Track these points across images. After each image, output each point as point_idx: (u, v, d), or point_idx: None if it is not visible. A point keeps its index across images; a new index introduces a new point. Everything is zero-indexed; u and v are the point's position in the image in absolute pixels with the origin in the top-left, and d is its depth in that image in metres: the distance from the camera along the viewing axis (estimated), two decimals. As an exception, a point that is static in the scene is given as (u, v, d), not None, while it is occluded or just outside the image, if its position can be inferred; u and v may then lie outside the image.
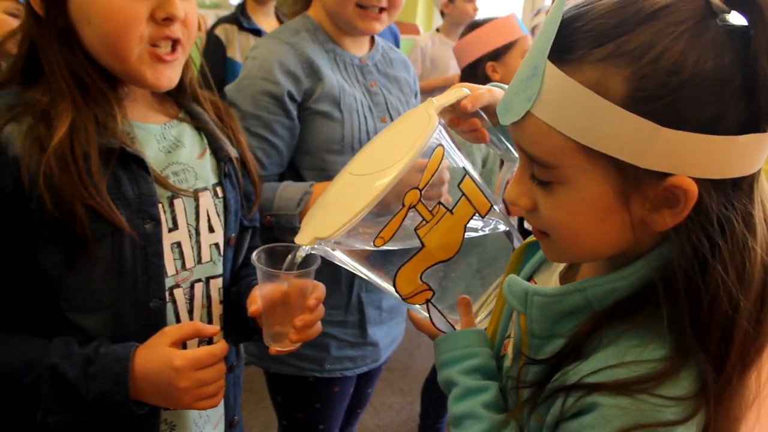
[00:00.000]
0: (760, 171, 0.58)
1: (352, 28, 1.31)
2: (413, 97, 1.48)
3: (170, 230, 0.90)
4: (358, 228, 0.80)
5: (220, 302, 0.99)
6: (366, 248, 0.82)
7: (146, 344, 0.84)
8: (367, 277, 0.86)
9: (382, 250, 0.80)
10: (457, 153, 0.88)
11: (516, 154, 0.82)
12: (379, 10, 1.29)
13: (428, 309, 0.82)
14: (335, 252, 0.83)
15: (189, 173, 0.94)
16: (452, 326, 0.83)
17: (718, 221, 0.56)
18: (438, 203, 0.80)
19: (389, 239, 0.78)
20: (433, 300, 0.81)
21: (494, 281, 0.92)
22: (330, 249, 0.83)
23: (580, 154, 0.56)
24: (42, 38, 0.84)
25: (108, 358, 0.81)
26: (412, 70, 1.52)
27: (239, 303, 0.98)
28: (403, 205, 0.78)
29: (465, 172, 0.83)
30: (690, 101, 0.53)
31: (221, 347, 0.86)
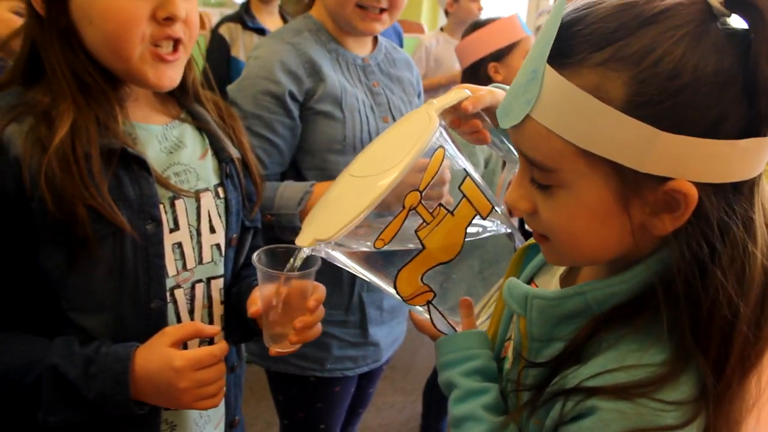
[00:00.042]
0: (761, 175, 0.58)
1: (353, 29, 1.31)
2: (416, 97, 1.47)
3: (171, 231, 0.90)
4: (359, 230, 0.80)
5: (221, 303, 0.99)
6: (366, 250, 0.82)
7: (147, 344, 0.84)
8: (368, 279, 0.86)
9: (383, 252, 0.80)
10: (459, 154, 0.88)
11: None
12: (380, 11, 1.29)
13: (429, 310, 0.82)
14: (336, 253, 0.83)
15: (190, 174, 0.94)
16: (453, 328, 0.83)
17: (719, 226, 0.56)
18: (439, 205, 0.80)
19: (390, 241, 0.78)
20: (434, 301, 0.81)
21: (496, 283, 0.92)
22: (330, 250, 0.83)
23: (580, 158, 0.56)
24: (43, 38, 0.84)
25: (109, 358, 0.82)
26: (416, 70, 1.52)
27: (240, 303, 0.98)
28: (404, 207, 0.78)
29: (466, 174, 0.83)
30: (690, 105, 0.53)
31: (221, 347, 0.86)
